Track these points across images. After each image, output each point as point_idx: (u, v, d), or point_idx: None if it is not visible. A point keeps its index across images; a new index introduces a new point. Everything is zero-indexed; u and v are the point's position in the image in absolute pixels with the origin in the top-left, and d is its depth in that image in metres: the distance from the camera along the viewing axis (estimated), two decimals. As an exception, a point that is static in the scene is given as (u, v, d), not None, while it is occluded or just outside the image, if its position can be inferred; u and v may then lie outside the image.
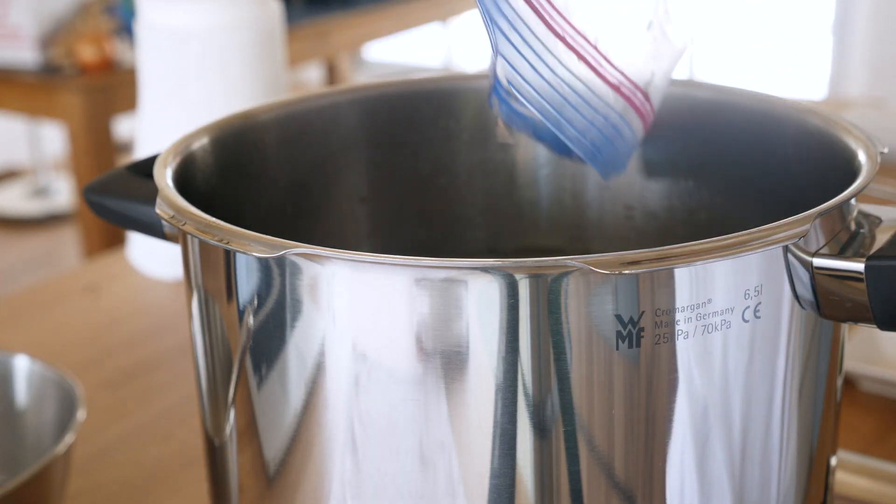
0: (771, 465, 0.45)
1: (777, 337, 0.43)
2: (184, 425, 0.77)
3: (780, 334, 0.43)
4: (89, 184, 0.55)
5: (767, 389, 0.44)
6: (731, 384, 0.43)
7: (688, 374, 0.42)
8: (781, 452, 0.45)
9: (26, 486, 0.59)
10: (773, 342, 0.43)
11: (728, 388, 0.43)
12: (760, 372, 0.43)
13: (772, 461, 0.45)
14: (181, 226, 0.44)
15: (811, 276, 0.42)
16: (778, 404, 0.44)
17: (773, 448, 0.45)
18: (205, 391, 0.49)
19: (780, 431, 0.45)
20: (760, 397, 0.43)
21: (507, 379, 0.41)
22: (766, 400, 0.44)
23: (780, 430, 0.45)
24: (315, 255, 0.41)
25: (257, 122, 0.58)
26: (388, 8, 2.90)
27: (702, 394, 0.42)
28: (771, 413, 0.44)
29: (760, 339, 0.42)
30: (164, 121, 0.99)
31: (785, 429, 0.45)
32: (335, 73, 3.53)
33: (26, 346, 0.87)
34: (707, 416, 0.43)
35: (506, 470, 0.42)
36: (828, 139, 0.52)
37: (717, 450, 0.43)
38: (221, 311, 0.46)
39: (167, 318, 0.93)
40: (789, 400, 0.44)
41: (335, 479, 0.44)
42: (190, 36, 0.96)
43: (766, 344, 0.43)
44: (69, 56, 2.27)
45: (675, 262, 0.40)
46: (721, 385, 0.42)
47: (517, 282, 0.39)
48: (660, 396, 0.41)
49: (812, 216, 0.41)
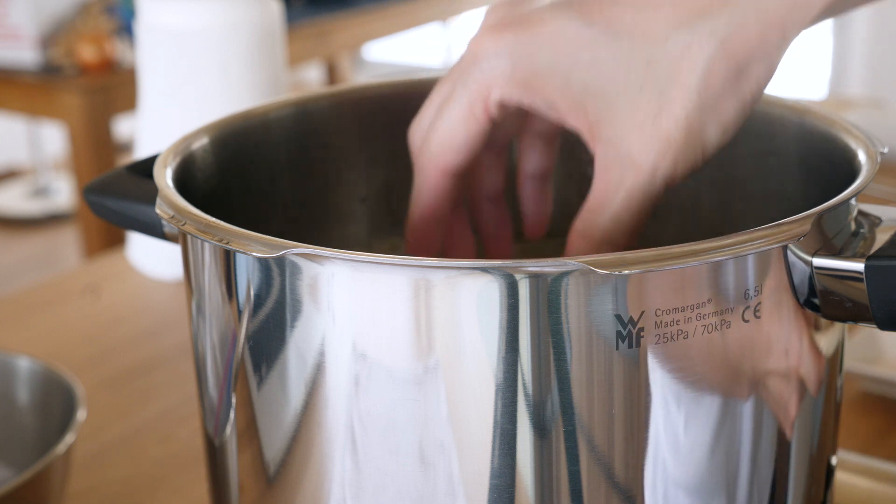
0: (771, 465, 0.45)
1: (777, 337, 0.43)
2: (184, 425, 0.77)
3: (780, 334, 0.43)
4: (89, 184, 0.55)
5: (767, 389, 0.44)
6: (731, 384, 0.43)
7: (688, 375, 0.42)
8: (781, 452, 0.45)
9: (26, 486, 0.59)
10: (773, 342, 0.43)
11: (728, 388, 0.43)
12: (760, 372, 0.43)
13: (772, 461, 0.45)
14: (181, 226, 0.44)
15: (811, 276, 0.42)
16: (778, 405, 0.44)
17: (773, 448, 0.45)
18: (205, 391, 0.49)
19: (780, 431, 0.45)
20: (760, 397, 0.43)
21: (507, 379, 0.41)
22: (765, 400, 0.44)
23: (780, 430, 0.45)
24: (315, 255, 0.41)
25: (257, 122, 0.58)
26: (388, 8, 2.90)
27: (702, 394, 0.42)
28: (771, 413, 0.44)
29: (760, 339, 0.42)
30: (164, 121, 0.99)
31: (785, 429, 0.45)
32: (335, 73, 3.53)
33: (26, 346, 0.87)
34: (707, 416, 0.43)
35: (506, 470, 0.42)
36: (828, 139, 0.52)
37: (716, 450, 0.43)
38: (221, 311, 0.46)
39: (167, 318, 0.93)
40: (790, 400, 0.44)
41: (335, 479, 0.44)
42: (190, 36, 0.96)
43: (766, 344, 0.43)
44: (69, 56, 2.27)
45: (675, 262, 0.40)
46: (721, 385, 0.42)
47: (517, 282, 0.39)
48: (660, 396, 0.41)
49: (812, 216, 0.41)
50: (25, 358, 0.70)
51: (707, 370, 0.42)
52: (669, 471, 0.43)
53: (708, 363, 0.42)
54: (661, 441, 0.42)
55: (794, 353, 0.44)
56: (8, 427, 0.70)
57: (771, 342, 0.43)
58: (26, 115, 2.58)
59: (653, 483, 0.43)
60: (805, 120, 0.54)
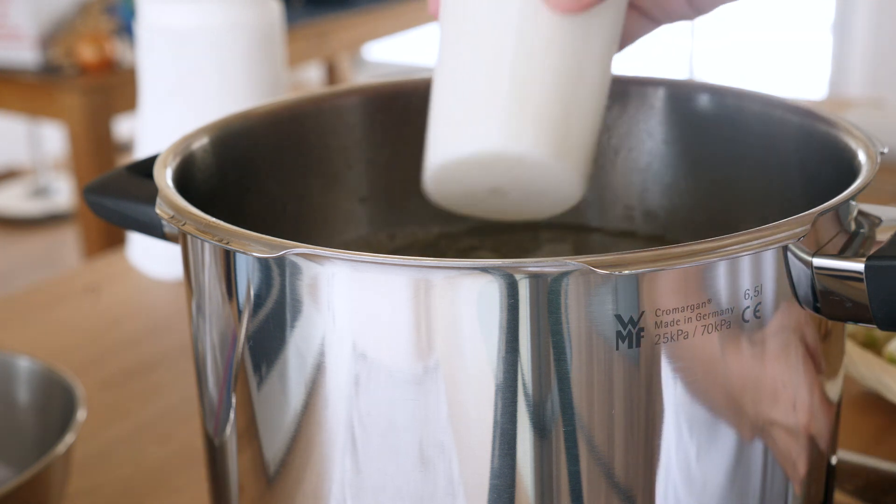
0: (771, 465, 0.45)
1: (777, 337, 0.43)
2: (184, 425, 0.77)
3: (780, 334, 0.43)
4: (89, 184, 0.55)
5: (767, 390, 0.44)
6: (731, 384, 0.43)
7: (688, 375, 0.42)
8: (782, 452, 0.45)
9: (26, 486, 0.59)
10: (773, 342, 0.43)
11: (728, 388, 0.43)
12: (760, 372, 0.43)
13: (772, 461, 0.45)
14: (181, 226, 0.44)
15: (811, 276, 0.42)
16: (778, 404, 0.44)
17: (774, 448, 0.45)
18: (205, 391, 0.49)
19: (781, 431, 0.45)
20: (760, 397, 0.43)
21: (507, 379, 0.41)
22: (766, 400, 0.44)
23: (780, 430, 0.45)
24: (315, 255, 0.41)
25: (257, 122, 0.58)
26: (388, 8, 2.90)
27: (702, 394, 0.42)
28: (771, 413, 0.44)
29: (760, 339, 0.42)
30: (163, 121, 0.99)
31: (784, 428, 0.45)
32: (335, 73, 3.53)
33: (26, 346, 0.87)
34: (707, 416, 0.43)
35: (506, 470, 0.42)
36: (828, 139, 0.52)
37: (717, 450, 0.43)
38: (221, 311, 0.46)
39: (167, 318, 0.93)
40: (789, 400, 0.44)
41: (335, 479, 0.44)
42: (190, 36, 0.96)
43: (766, 344, 0.43)
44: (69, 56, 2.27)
45: (675, 262, 0.40)
46: (721, 385, 0.42)
47: (517, 282, 0.39)
48: (660, 396, 0.41)
49: (812, 216, 0.41)
50: (25, 358, 0.70)
51: (707, 370, 0.42)
52: (670, 471, 0.43)
53: (708, 363, 0.42)
54: (662, 441, 0.42)
55: (793, 352, 0.44)
56: (8, 427, 0.70)
57: (771, 342, 0.43)
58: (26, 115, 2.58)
59: (654, 483, 0.43)
60: (805, 120, 0.54)
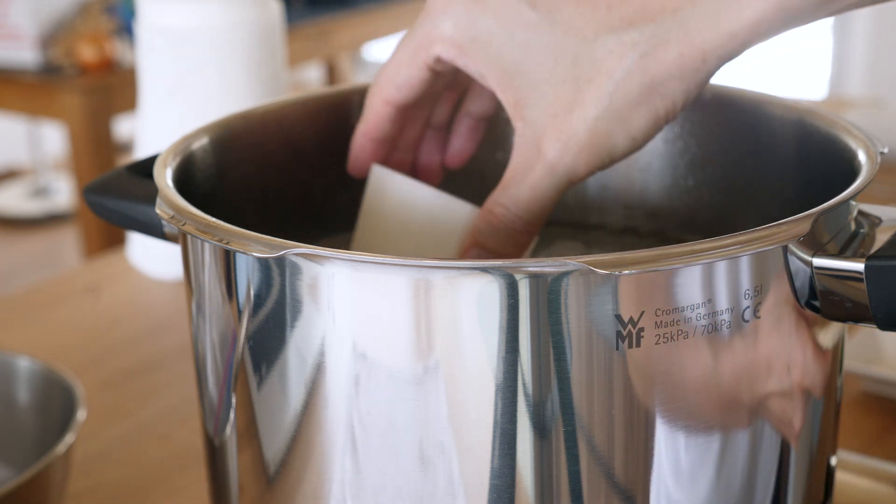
0: (771, 465, 0.45)
1: (777, 337, 0.43)
2: (184, 425, 0.77)
3: (780, 334, 0.43)
4: (89, 184, 0.55)
5: (767, 390, 0.44)
6: (731, 384, 0.43)
7: (688, 375, 0.42)
8: (782, 452, 0.45)
9: (26, 486, 0.59)
10: (773, 342, 0.43)
11: (728, 388, 0.43)
12: (760, 372, 0.43)
13: (772, 461, 0.45)
14: (181, 226, 0.44)
15: (811, 276, 0.42)
16: (778, 404, 0.44)
17: (774, 448, 0.45)
18: (205, 391, 0.49)
19: (781, 431, 0.45)
20: (760, 397, 0.43)
21: (507, 379, 0.41)
22: (766, 400, 0.44)
23: (781, 430, 0.45)
24: (315, 255, 0.41)
25: (257, 122, 0.58)
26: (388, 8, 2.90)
27: (702, 394, 0.42)
28: (771, 413, 0.44)
29: (760, 339, 0.42)
30: (164, 121, 0.99)
31: (785, 428, 0.45)
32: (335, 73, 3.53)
33: (26, 346, 0.87)
34: (707, 416, 0.43)
35: (506, 470, 0.42)
36: (828, 139, 0.52)
37: (717, 450, 0.43)
38: (221, 311, 0.46)
39: (167, 318, 0.93)
40: (789, 400, 0.44)
41: (335, 479, 0.44)
42: (190, 36, 0.96)
43: (766, 344, 0.43)
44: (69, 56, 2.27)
45: (675, 262, 0.40)
46: (721, 385, 0.42)
47: (517, 282, 0.39)
48: (660, 396, 0.41)
49: (812, 216, 0.41)
50: (25, 358, 0.70)
51: (707, 370, 0.42)
52: (670, 471, 0.43)
53: (708, 363, 0.42)
54: (662, 441, 0.42)
55: (793, 353, 0.44)
56: (8, 427, 0.70)
57: (771, 342, 0.43)
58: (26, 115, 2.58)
59: (653, 483, 0.43)
60: (805, 120, 0.54)
